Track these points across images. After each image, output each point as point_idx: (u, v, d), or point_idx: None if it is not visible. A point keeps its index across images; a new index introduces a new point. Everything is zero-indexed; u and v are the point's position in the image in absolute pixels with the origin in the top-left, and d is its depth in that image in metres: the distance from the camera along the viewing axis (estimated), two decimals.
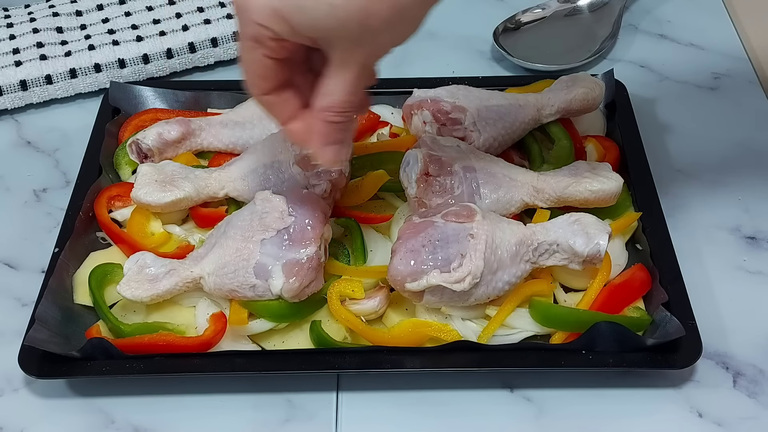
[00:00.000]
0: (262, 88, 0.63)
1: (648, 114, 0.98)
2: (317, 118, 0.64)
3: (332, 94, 0.62)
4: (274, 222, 0.75)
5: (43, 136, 0.98)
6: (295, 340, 0.76)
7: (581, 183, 0.80)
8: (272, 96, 0.64)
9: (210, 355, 0.74)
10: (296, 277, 0.73)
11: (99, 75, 1.01)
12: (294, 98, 0.65)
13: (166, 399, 0.74)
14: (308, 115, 0.65)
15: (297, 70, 0.65)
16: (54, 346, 0.72)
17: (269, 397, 0.74)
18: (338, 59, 0.60)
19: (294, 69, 0.64)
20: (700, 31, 1.10)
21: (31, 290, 0.79)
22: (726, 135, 0.96)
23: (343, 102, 0.62)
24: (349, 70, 0.60)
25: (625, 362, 0.72)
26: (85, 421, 0.73)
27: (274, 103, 0.65)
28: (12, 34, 1.04)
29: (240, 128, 0.89)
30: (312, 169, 0.81)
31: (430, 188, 0.79)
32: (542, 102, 0.88)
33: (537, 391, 0.74)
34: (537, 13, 1.11)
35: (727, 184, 0.91)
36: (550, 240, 0.75)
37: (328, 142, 0.65)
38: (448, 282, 0.72)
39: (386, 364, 0.72)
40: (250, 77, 0.63)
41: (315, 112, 0.63)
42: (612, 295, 0.76)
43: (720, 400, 0.73)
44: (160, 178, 0.82)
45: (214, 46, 1.05)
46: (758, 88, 1.02)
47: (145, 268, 0.76)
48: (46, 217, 0.89)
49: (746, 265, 0.84)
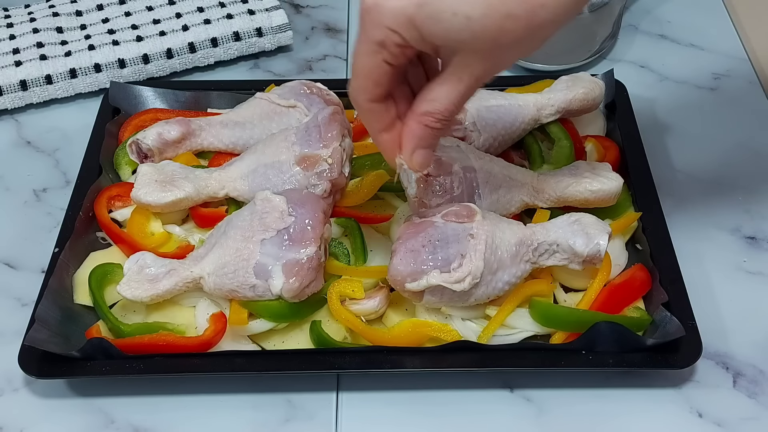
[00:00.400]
0: (372, 94, 0.63)
1: (648, 114, 0.98)
2: (416, 122, 0.64)
3: (438, 100, 0.62)
4: (274, 222, 0.75)
5: (43, 136, 0.98)
6: (295, 340, 0.76)
7: (581, 183, 0.80)
8: (377, 104, 0.64)
9: (210, 355, 0.74)
10: (296, 277, 0.73)
11: (99, 75, 1.01)
12: (393, 107, 0.65)
13: (166, 399, 0.74)
14: (399, 127, 0.65)
15: (398, 81, 0.65)
16: (54, 346, 0.72)
17: (269, 397, 0.74)
18: (456, 69, 0.61)
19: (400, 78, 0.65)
20: (700, 31, 1.10)
21: (31, 290, 0.79)
22: (726, 135, 0.96)
23: (447, 110, 0.63)
24: (463, 82, 0.61)
25: (625, 362, 0.72)
26: (85, 421, 0.73)
27: (377, 111, 0.64)
28: (12, 34, 1.04)
29: (240, 128, 0.89)
30: (312, 169, 0.81)
31: (430, 188, 0.79)
32: (542, 102, 0.88)
33: (537, 391, 0.74)
34: None
35: (727, 184, 0.91)
36: (550, 240, 0.75)
37: (422, 146, 0.65)
38: (448, 282, 0.72)
39: (386, 364, 0.72)
40: (362, 82, 0.63)
41: (416, 115, 0.64)
42: (612, 295, 0.76)
43: (720, 401, 0.73)
44: (160, 178, 0.82)
45: (214, 46, 1.05)
46: (758, 88, 1.02)
47: (145, 268, 0.76)
48: (46, 217, 0.89)
49: (746, 266, 0.84)
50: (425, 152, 0.66)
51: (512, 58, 0.62)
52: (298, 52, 1.09)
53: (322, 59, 1.08)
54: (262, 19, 1.06)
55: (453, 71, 0.61)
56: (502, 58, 0.61)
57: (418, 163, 0.66)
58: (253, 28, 1.05)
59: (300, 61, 1.08)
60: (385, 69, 0.61)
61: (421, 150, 0.65)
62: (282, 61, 1.08)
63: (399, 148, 0.66)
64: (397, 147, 0.66)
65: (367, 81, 0.63)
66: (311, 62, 1.08)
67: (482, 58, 0.60)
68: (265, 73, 1.06)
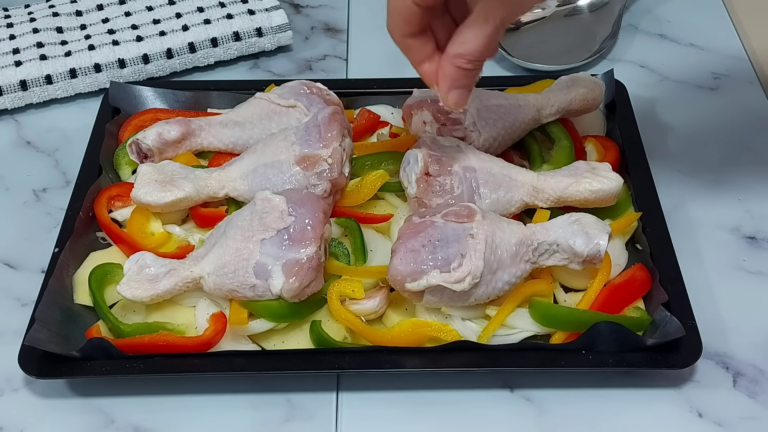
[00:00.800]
0: (404, 30, 0.68)
1: (648, 114, 0.98)
2: (449, 63, 0.68)
3: (468, 42, 0.67)
4: (274, 222, 0.75)
5: (42, 136, 0.98)
6: (295, 340, 0.76)
7: (581, 183, 0.80)
8: (411, 39, 0.69)
9: (210, 355, 0.74)
10: (296, 277, 0.73)
11: (99, 75, 1.01)
12: (430, 42, 0.70)
13: (166, 399, 0.74)
14: (439, 58, 0.69)
15: (436, 15, 0.69)
16: (54, 346, 0.72)
17: (269, 397, 0.74)
18: (482, 13, 0.65)
19: (434, 15, 0.69)
20: (700, 31, 1.10)
21: (31, 290, 0.79)
22: (726, 135, 0.96)
23: (477, 52, 0.67)
24: (489, 24, 0.66)
25: (625, 362, 0.72)
26: (85, 421, 0.73)
27: (412, 46, 0.69)
28: (12, 34, 1.04)
29: (240, 128, 0.89)
30: (312, 169, 0.81)
31: (430, 188, 0.79)
32: (542, 102, 0.88)
33: (537, 391, 0.74)
34: (537, 13, 1.10)
35: (727, 184, 0.91)
36: (550, 240, 0.75)
37: (455, 86, 0.69)
38: (448, 282, 0.72)
39: (386, 364, 0.72)
40: (394, 20, 0.68)
41: (448, 56, 0.68)
42: (612, 295, 0.76)
43: (720, 400, 0.73)
44: (160, 178, 0.82)
45: (214, 46, 1.05)
46: (758, 88, 1.02)
47: (145, 268, 0.76)
48: (46, 217, 0.89)
49: (746, 265, 0.84)
50: (460, 92, 0.70)
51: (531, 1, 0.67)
52: (298, 52, 1.09)
53: (322, 59, 1.08)
54: (262, 19, 1.06)
55: (481, 15, 0.65)
56: (524, 1, 0.66)
57: (454, 102, 0.70)
58: (253, 28, 1.05)
59: (300, 61, 1.08)
60: (414, 9, 0.66)
61: (456, 90, 0.70)
62: (282, 61, 1.08)
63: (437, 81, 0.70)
64: (435, 78, 0.70)
65: (398, 19, 0.68)
66: (311, 62, 1.08)
67: (503, 3, 0.65)
68: (265, 73, 1.06)
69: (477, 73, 0.70)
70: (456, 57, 0.67)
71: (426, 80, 0.71)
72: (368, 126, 0.92)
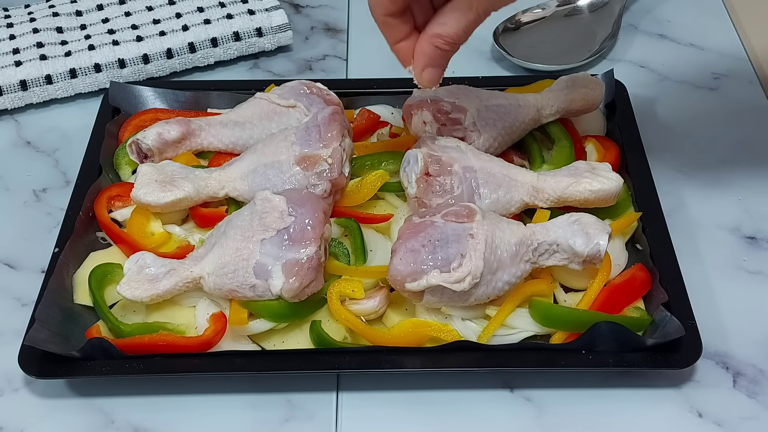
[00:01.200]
0: (387, 9, 0.70)
1: (648, 114, 0.98)
2: (428, 42, 0.70)
3: (448, 25, 0.69)
4: (274, 222, 0.75)
5: (42, 136, 0.98)
6: (295, 340, 0.76)
7: (581, 183, 0.80)
8: (392, 18, 0.70)
9: (210, 355, 0.74)
10: (296, 277, 0.73)
11: (99, 75, 1.01)
12: (409, 22, 0.72)
13: (166, 399, 0.74)
14: (416, 38, 0.72)
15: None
16: (54, 346, 0.72)
17: (269, 397, 0.74)
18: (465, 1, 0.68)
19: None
20: (700, 31, 1.10)
21: (31, 290, 0.79)
22: (726, 135, 0.96)
23: (456, 35, 0.69)
24: (471, 12, 0.68)
25: (625, 362, 0.72)
26: (85, 421, 0.73)
27: (393, 24, 0.71)
28: (12, 34, 1.04)
29: (240, 128, 0.89)
30: (312, 169, 0.81)
31: (430, 188, 0.79)
32: (542, 102, 0.88)
33: (537, 391, 0.74)
34: (537, 13, 1.11)
35: (727, 184, 0.91)
36: (550, 240, 0.75)
37: (431, 64, 0.72)
38: (448, 282, 0.72)
39: (386, 364, 0.72)
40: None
41: (427, 36, 0.70)
42: (612, 295, 0.76)
43: (720, 400, 0.73)
44: (160, 178, 0.82)
45: (214, 46, 1.05)
46: (758, 88, 1.02)
47: (145, 268, 0.76)
48: (46, 217, 0.89)
49: (746, 265, 0.84)
50: (434, 70, 0.72)
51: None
52: (298, 52, 1.09)
53: (322, 59, 1.08)
54: (262, 19, 1.06)
55: (464, 3, 0.68)
56: None
57: (427, 79, 0.73)
58: (253, 28, 1.05)
59: (300, 61, 1.08)
60: None
61: (431, 68, 0.72)
62: (282, 61, 1.08)
63: (412, 59, 0.72)
64: (410, 57, 0.72)
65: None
66: (311, 62, 1.08)
67: None
68: (265, 73, 1.06)
69: (451, 54, 0.72)
70: (435, 37, 0.70)
71: (400, 59, 0.73)
72: (368, 126, 0.92)
